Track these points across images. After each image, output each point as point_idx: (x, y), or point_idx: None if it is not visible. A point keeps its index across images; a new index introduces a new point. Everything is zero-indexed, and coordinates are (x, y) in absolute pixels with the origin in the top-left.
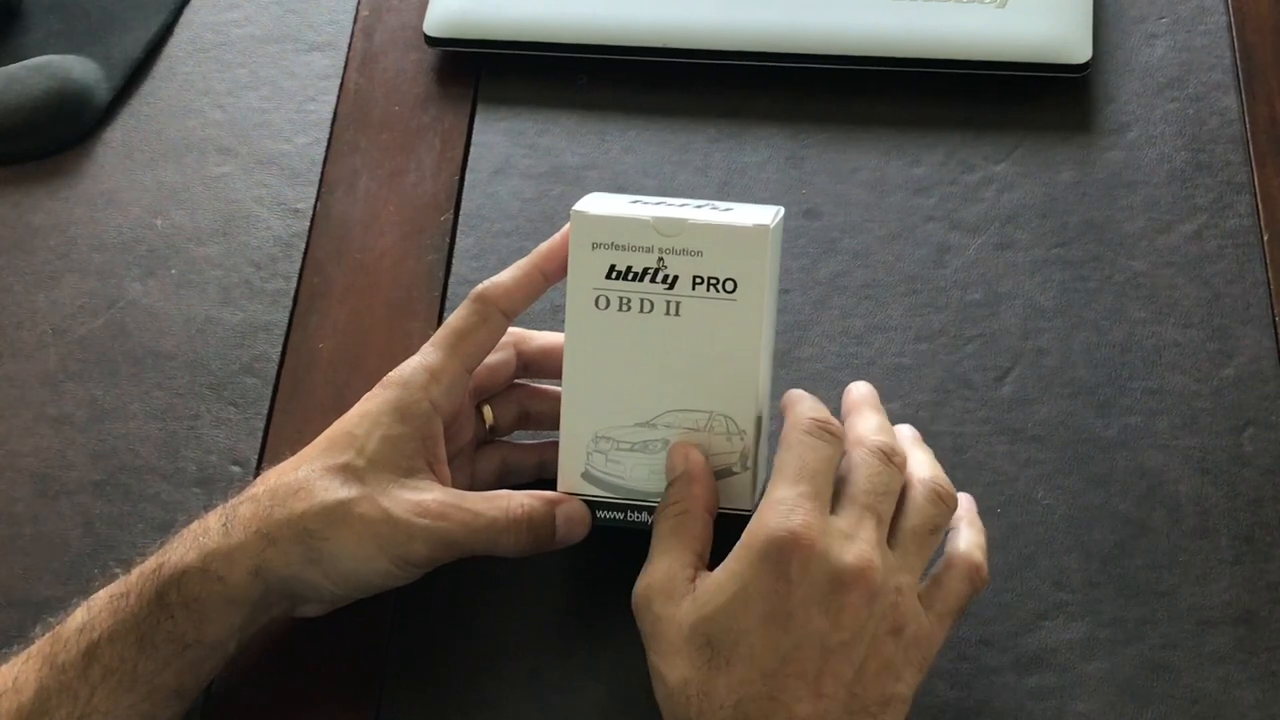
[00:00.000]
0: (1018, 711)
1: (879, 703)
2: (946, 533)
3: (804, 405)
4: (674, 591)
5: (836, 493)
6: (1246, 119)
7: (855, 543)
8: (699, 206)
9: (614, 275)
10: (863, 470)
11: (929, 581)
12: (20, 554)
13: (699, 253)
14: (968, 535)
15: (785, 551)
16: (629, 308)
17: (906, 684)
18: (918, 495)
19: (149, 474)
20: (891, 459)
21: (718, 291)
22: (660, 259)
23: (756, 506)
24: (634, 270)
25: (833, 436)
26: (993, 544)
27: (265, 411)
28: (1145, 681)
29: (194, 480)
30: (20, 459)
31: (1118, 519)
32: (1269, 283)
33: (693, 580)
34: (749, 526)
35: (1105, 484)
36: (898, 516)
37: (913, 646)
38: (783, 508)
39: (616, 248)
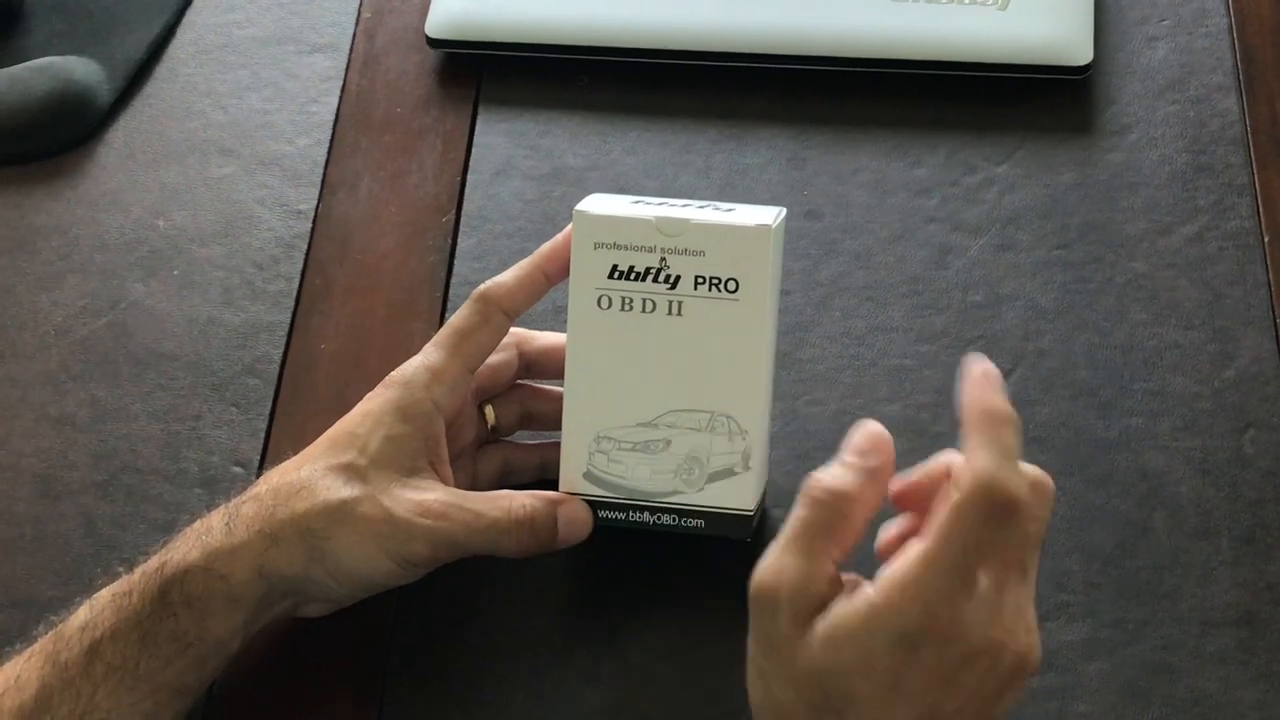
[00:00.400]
0: (1019, 712)
1: None
2: None
3: (989, 455)
4: (803, 608)
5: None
6: (1247, 121)
7: (994, 616)
8: (701, 207)
9: (616, 275)
10: (1020, 524)
11: None
12: (22, 554)
13: (701, 253)
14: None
15: (921, 639)
16: (631, 308)
17: (1007, 704)
18: (1037, 504)
19: (151, 475)
20: (1048, 499)
21: (720, 291)
22: (663, 259)
23: (759, 508)
24: (636, 270)
25: (1015, 523)
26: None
27: (267, 412)
28: (1146, 682)
29: (196, 481)
30: (22, 459)
31: (1119, 520)
32: (1270, 284)
33: (822, 596)
34: (886, 594)
35: (1106, 485)
36: None
37: (1020, 675)
38: (928, 592)
39: (619, 248)
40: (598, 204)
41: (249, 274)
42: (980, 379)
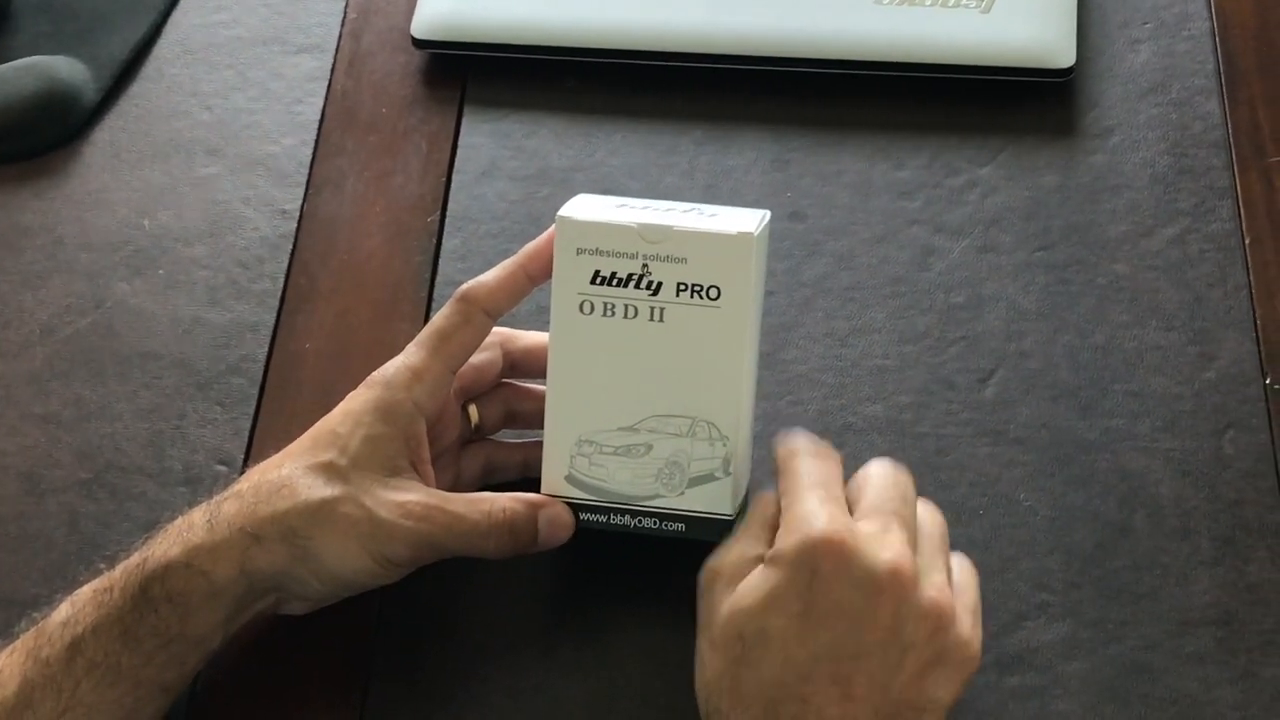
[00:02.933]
0: (999, 711)
1: (914, 707)
2: None
3: (797, 438)
4: (736, 576)
5: (854, 504)
6: (1229, 124)
7: (887, 543)
8: (685, 210)
9: (598, 281)
10: (878, 481)
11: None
12: (6, 552)
13: (683, 259)
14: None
15: (818, 552)
16: (613, 313)
17: (946, 690)
18: (921, 509)
19: (135, 473)
20: (900, 470)
21: (702, 298)
22: (645, 265)
23: (739, 511)
24: (618, 276)
25: (830, 454)
26: (974, 545)
27: (252, 411)
28: (1126, 682)
29: (180, 480)
30: (6, 458)
31: (1099, 520)
32: (1250, 286)
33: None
34: (780, 534)
35: (1087, 486)
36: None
37: (954, 649)
38: (808, 509)
39: (601, 253)
40: (581, 208)
41: (234, 273)
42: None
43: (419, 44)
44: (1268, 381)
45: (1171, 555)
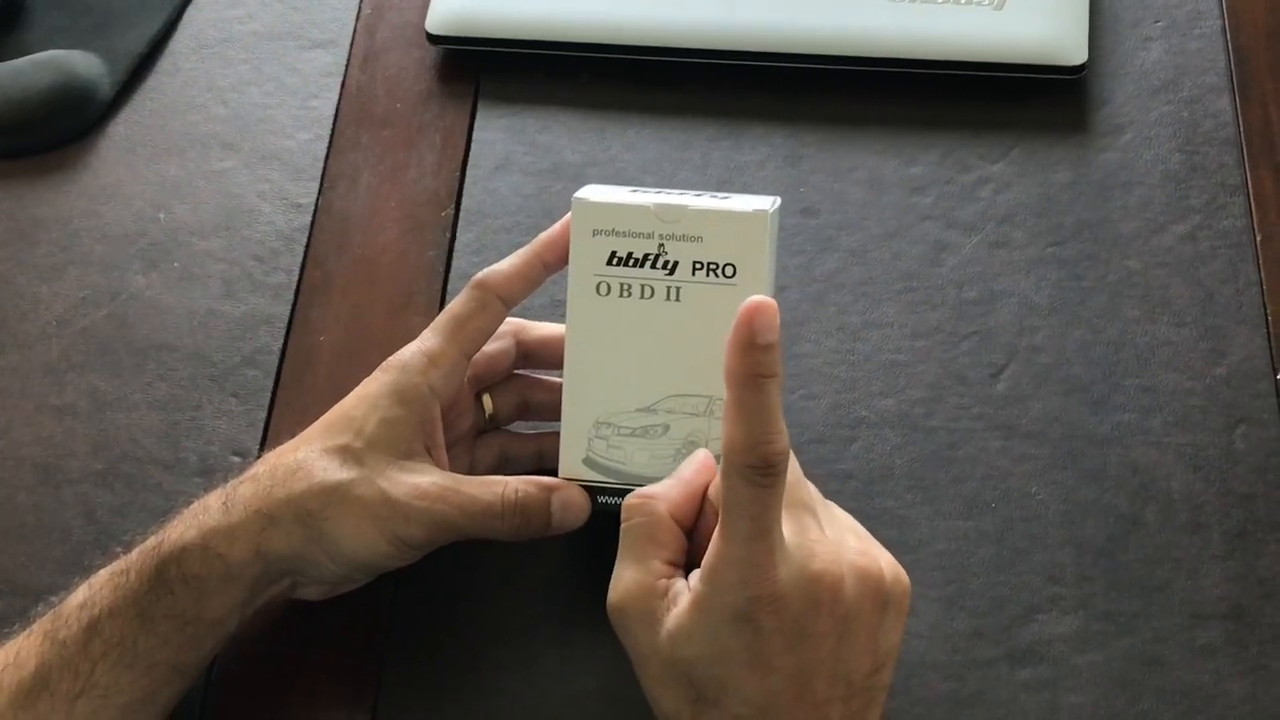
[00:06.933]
0: (1011, 703)
1: (874, 670)
2: None
3: (738, 431)
4: (649, 611)
5: None
6: (1240, 122)
7: (808, 550)
8: (698, 195)
9: (615, 262)
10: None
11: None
12: (22, 542)
13: (699, 238)
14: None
15: (754, 611)
16: (630, 294)
17: (894, 634)
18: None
19: (150, 464)
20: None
21: (718, 276)
22: (661, 245)
23: None
24: (634, 256)
25: (774, 477)
26: (986, 538)
27: (266, 403)
28: (1137, 674)
29: (195, 471)
30: (23, 448)
31: (1111, 514)
32: (1261, 283)
33: (666, 593)
34: (704, 582)
35: (1099, 480)
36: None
37: (893, 590)
38: (741, 569)
39: (617, 234)
40: (595, 192)
41: (249, 267)
42: (745, 327)
43: (433, 39)
44: (1279, 377)
45: (1183, 549)
